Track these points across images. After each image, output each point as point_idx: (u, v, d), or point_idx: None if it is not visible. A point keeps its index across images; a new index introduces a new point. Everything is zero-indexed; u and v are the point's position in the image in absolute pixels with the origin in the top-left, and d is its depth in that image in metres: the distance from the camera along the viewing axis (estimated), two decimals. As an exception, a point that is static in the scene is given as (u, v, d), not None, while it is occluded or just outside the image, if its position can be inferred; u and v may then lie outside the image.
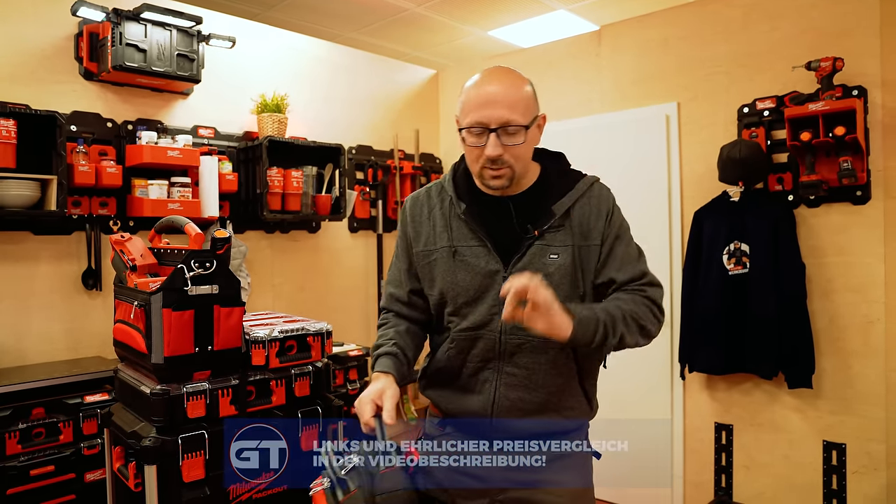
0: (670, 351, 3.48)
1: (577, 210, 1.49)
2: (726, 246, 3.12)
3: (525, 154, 1.46)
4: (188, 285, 1.76)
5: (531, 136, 1.45)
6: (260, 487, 1.91)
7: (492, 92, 1.41)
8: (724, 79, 3.25)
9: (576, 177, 1.55)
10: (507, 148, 1.41)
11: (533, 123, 1.44)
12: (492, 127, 1.40)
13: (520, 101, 1.41)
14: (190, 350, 1.79)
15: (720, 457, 3.27)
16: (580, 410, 1.59)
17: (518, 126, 1.40)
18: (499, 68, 1.49)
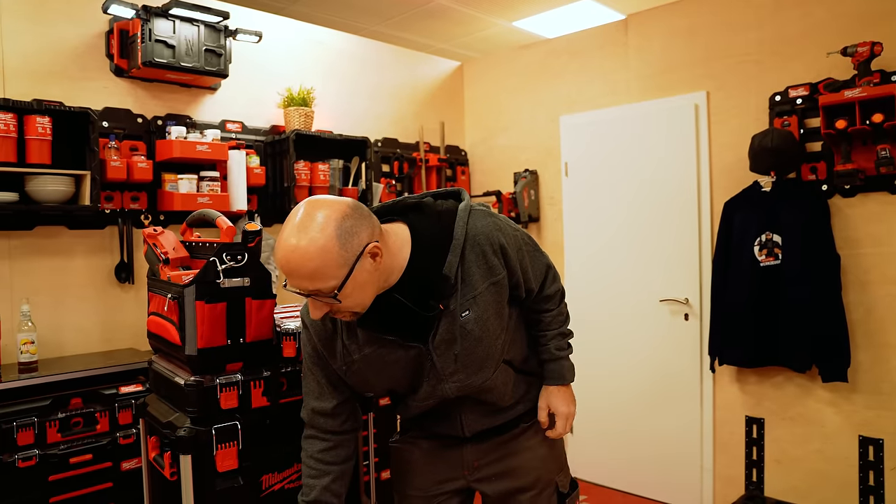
0: (699, 343, 3.44)
1: (468, 261, 1.44)
2: (757, 237, 3.07)
3: (359, 298, 1.35)
4: (220, 278, 1.77)
5: (355, 282, 1.31)
6: (292, 478, 1.93)
7: (285, 260, 1.29)
8: (754, 67, 3.19)
9: (446, 227, 1.44)
10: (333, 303, 1.33)
11: (351, 273, 1.29)
12: (305, 293, 1.33)
13: (319, 270, 1.28)
14: (223, 342, 1.80)
15: (751, 451, 3.23)
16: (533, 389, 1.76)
17: (328, 293, 1.31)
18: (293, 218, 1.30)
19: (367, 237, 1.33)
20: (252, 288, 1.84)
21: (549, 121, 4.10)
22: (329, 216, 1.29)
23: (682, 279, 3.50)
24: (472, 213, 1.48)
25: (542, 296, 1.66)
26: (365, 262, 1.32)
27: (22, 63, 2.70)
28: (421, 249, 1.44)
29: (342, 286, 1.30)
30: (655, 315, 3.61)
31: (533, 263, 1.59)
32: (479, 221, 1.47)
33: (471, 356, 1.49)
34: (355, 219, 1.32)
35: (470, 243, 1.45)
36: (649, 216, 3.63)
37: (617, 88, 3.78)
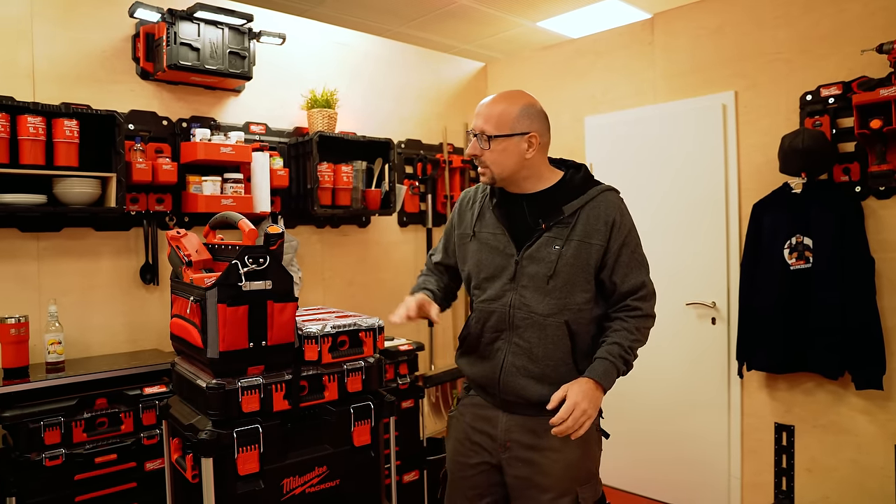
0: (727, 348, 3.37)
1: (585, 212, 1.75)
2: (787, 240, 2.99)
3: (501, 160, 1.75)
4: (242, 281, 1.77)
5: (506, 146, 1.73)
6: (313, 482, 1.93)
7: (481, 105, 1.78)
8: (784, 65, 3.12)
9: (590, 184, 1.81)
10: (483, 151, 1.75)
11: (509, 137, 1.73)
12: (473, 132, 1.77)
13: (494, 116, 1.73)
14: (244, 345, 1.81)
15: (780, 458, 3.16)
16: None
17: (489, 134, 1.73)
18: (507, 90, 1.81)
19: (535, 129, 1.75)
20: (274, 291, 1.85)
21: (573, 122, 4.06)
22: (525, 99, 1.77)
23: (710, 282, 3.44)
24: (612, 191, 1.83)
25: (625, 304, 1.79)
26: (521, 141, 1.74)
27: (52, 67, 2.75)
28: (560, 186, 1.80)
29: (496, 137, 1.73)
30: (682, 319, 3.55)
31: (627, 261, 1.78)
32: (613, 196, 1.81)
33: (543, 282, 1.74)
34: (539, 114, 1.78)
35: (595, 202, 1.77)
36: (675, 218, 3.57)
37: (643, 89, 3.73)
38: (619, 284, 1.78)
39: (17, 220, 2.65)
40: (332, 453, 2.00)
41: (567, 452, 1.76)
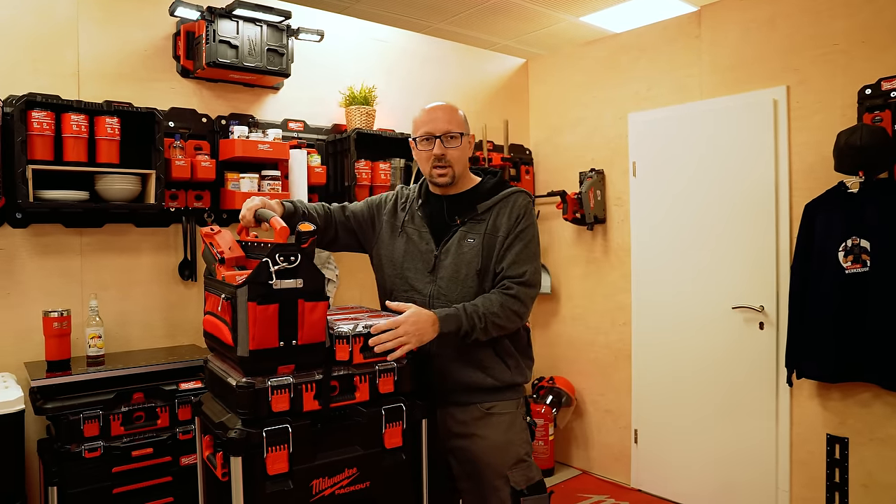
0: (775, 354, 3.23)
1: (496, 210, 1.99)
2: (843, 242, 2.85)
3: (462, 157, 1.98)
4: (273, 279, 1.75)
5: (464, 143, 1.99)
6: (342, 484, 1.89)
7: (436, 109, 2.00)
8: (841, 58, 2.96)
9: (503, 187, 2.03)
10: (448, 150, 1.95)
11: (465, 135, 1.99)
12: (437, 134, 1.95)
13: (455, 119, 1.98)
14: (275, 344, 1.78)
15: (833, 472, 3.01)
16: (499, 371, 2.00)
17: (455, 133, 1.95)
18: (441, 102, 2.03)
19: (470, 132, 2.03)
20: (305, 290, 1.81)
21: (616, 118, 3.96)
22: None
23: (758, 286, 3.30)
24: (522, 193, 2.04)
25: (503, 283, 1.94)
26: (468, 140, 2.01)
27: (96, 66, 2.79)
28: (476, 188, 2.05)
29: (463, 135, 1.97)
30: (727, 323, 3.41)
31: (517, 251, 1.95)
32: (522, 198, 2.02)
33: (457, 273, 1.97)
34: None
35: (506, 201, 2.00)
36: (722, 218, 3.44)
37: (689, 84, 3.60)
38: (504, 270, 1.95)
39: (62, 216, 2.71)
40: (362, 455, 1.96)
41: (493, 437, 1.97)
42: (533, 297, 1.99)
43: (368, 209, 2.17)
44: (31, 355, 2.62)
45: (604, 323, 4.05)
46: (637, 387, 3.87)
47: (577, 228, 4.15)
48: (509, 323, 1.94)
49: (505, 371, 2.01)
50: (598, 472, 4.12)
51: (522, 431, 2.04)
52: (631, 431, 3.90)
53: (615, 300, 3.98)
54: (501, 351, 2.02)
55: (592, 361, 4.10)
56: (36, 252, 2.67)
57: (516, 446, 2.00)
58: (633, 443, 3.89)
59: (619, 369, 3.96)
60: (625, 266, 3.92)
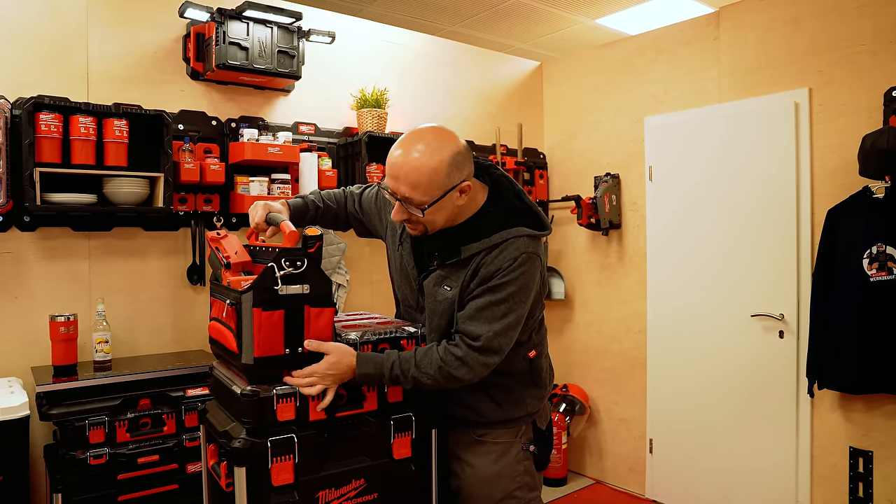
0: (796, 364, 3.14)
1: (484, 258, 1.63)
2: (868, 249, 2.76)
3: (434, 219, 1.61)
4: (278, 284, 1.70)
5: (441, 206, 1.58)
6: (350, 495, 1.84)
7: (398, 164, 1.56)
8: (867, 59, 2.88)
9: (504, 226, 1.64)
10: (412, 215, 1.60)
11: (443, 197, 1.56)
12: (397, 196, 1.59)
13: (423, 182, 1.53)
14: (280, 351, 1.74)
15: (856, 486, 2.91)
16: (486, 409, 1.78)
17: (418, 204, 1.56)
18: (424, 135, 1.57)
19: (465, 176, 1.59)
20: (311, 295, 1.76)
21: (632, 122, 3.89)
22: (451, 144, 1.56)
23: (778, 293, 3.21)
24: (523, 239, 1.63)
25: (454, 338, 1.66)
26: (455, 193, 1.58)
27: (105, 68, 2.77)
28: (470, 223, 1.67)
29: (431, 205, 1.56)
30: (746, 331, 3.33)
31: (481, 306, 1.63)
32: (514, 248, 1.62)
33: (431, 316, 1.75)
34: (465, 156, 1.59)
35: (498, 250, 1.62)
36: (741, 224, 3.35)
37: (707, 87, 3.53)
38: (458, 322, 1.65)
39: (70, 220, 2.68)
40: (370, 466, 1.91)
41: (479, 467, 1.80)
42: (487, 365, 1.64)
43: (374, 201, 1.97)
44: (38, 360, 2.60)
45: (618, 330, 3.97)
46: (652, 395, 3.79)
47: (591, 234, 4.08)
48: (447, 385, 1.67)
49: (493, 409, 1.80)
50: (612, 481, 4.04)
51: (517, 463, 1.82)
52: (646, 441, 3.82)
53: (630, 307, 3.90)
54: (490, 387, 1.77)
55: (607, 369, 4.03)
56: (44, 256, 2.65)
57: (506, 480, 1.81)
58: (647, 452, 3.81)
59: (634, 377, 3.88)
60: (640, 272, 3.85)
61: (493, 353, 1.64)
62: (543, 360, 1.87)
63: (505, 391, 1.79)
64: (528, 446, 1.83)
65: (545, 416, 1.92)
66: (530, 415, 1.84)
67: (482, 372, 1.65)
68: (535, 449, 1.84)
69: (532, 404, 1.84)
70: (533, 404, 1.85)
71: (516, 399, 1.81)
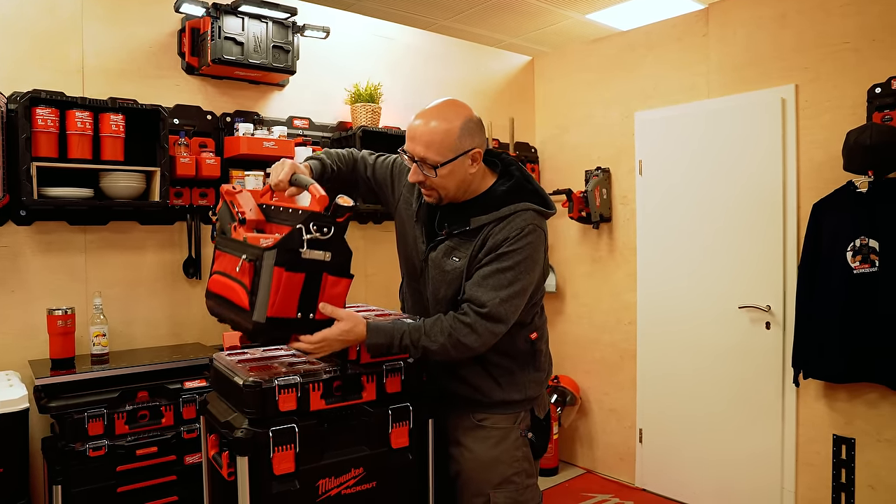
0: (782, 354, 3.21)
1: (492, 229, 1.72)
2: (851, 242, 2.83)
3: (447, 183, 1.71)
4: (304, 247, 1.67)
5: (452, 169, 1.69)
6: (349, 484, 1.88)
7: (415, 126, 1.70)
8: (852, 56, 2.94)
9: (511, 199, 1.74)
10: (427, 177, 1.70)
11: (455, 160, 1.67)
12: (414, 158, 1.69)
13: (436, 142, 1.66)
14: (292, 314, 1.68)
15: (839, 473, 2.99)
16: (487, 388, 1.83)
17: (432, 164, 1.67)
18: (440, 104, 1.73)
19: (477, 144, 1.71)
20: (332, 264, 1.70)
21: (623, 117, 3.94)
22: (463, 112, 1.71)
23: (764, 285, 3.28)
24: (529, 213, 1.73)
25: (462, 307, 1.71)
26: (466, 159, 1.70)
27: (100, 63, 2.78)
28: (481, 197, 1.77)
29: (443, 165, 1.67)
30: (734, 322, 3.40)
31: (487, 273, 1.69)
32: (520, 220, 1.71)
33: (437, 288, 1.81)
34: (477, 126, 1.72)
35: (506, 221, 1.71)
36: (729, 218, 3.42)
37: (696, 83, 3.58)
38: (466, 291, 1.71)
39: (66, 214, 2.69)
40: (368, 455, 1.95)
41: (479, 452, 1.84)
42: (493, 333, 1.69)
43: (390, 173, 1.99)
44: (35, 353, 2.62)
45: (609, 322, 4.03)
46: (642, 386, 3.85)
47: (582, 227, 4.13)
48: (456, 354, 1.71)
49: (494, 388, 1.84)
50: (603, 471, 4.11)
51: (516, 449, 1.85)
52: (636, 431, 3.89)
53: (620, 299, 3.96)
54: (491, 367, 1.84)
55: (597, 360, 4.09)
56: (40, 250, 2.66)
57: (504, 465, 1.84)
58: (637, 442, 3.88)
59: (625, 368, 3.94)
60: (630, 265, 3.91)
61: (498, 321, 1.68)
62: (543, 345, 1.92)
63: (506, 372, 1.84)
64: (527, 433, 1.87)
65: (544, 405, 1.95)
66: (529, 400, 1.88)
67: (489, 339, 1.70)
68: (534, 437, 1.87)
69: (532, 388, 1.88)
70: (533, 388, 1.88)
71: (516, 381, 1.85)
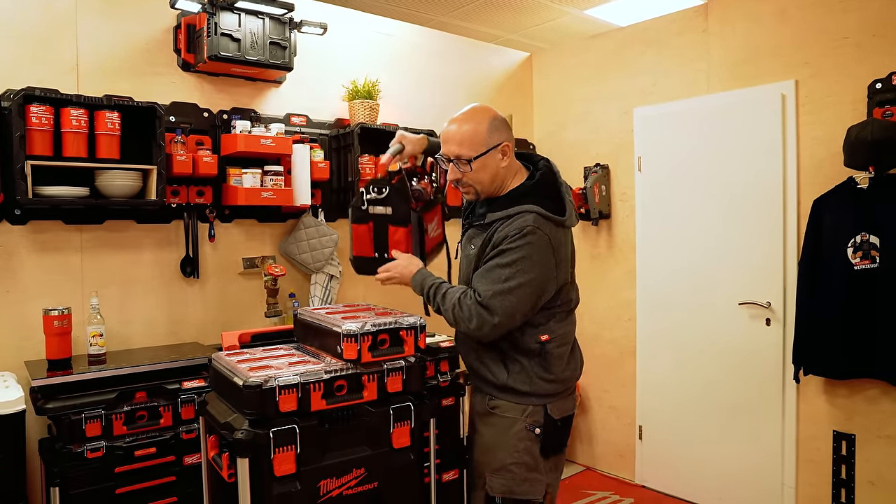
0: (782, 351, 3.21)
1: (500, 225, 1.86)
2: (851, 238, 2.82)
3: (482, 177, 1.89)
4: (364, 206, 2.08)
5: (485, 162, 1.87)
6: (350, 484, 1.87)
7: (448, 130, 1.90)
8: (853, 51, 2.93)
9: (523, 201, 1.87)
10: (464, 174, 1.89)
11: (486, 153, 1.86)
12: (450, 158, 1.90)
13: (467, 139, 1.86)
14: (371, 254, 2.13)
15: (839, 469, 2.99)
16: (496, 370, 1.94)
17: (467, 158, 1.86)
18: (468, 110, 1.92)
19: (505, 138, 1.90)
20: (391, 217, 2.13)
21: (621, 113, 3.92)
22: (489, 113, 1.90)
23: (764, 282, 3.27)
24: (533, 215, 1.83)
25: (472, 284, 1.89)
26: (496, 153, 1.88)
27: (95, 60, 2.75)
28: (504, 197, 1.92)
29: (476, 158, 1.86)
30: (734, 319, 3.39)
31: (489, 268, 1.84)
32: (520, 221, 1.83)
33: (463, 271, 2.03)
34: (503, 122, 1.91)
35: (511, 220, 1.85)
36: (729, 214, 3.41)
37: (696, 78, 3.57)
38: (473, 280, 1.89)
39: (62, 213, 2.67)
40: (370, 455, 1.95)
41: (485, 436, 1.95)
42: (489, 324, 1.80)
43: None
44: (31, 354, 2.59)
45: (608, 318, 4.02)
46: (642, 383, 3.85)
47: (581, 224, 4.12)
48: (455, 323, 1.88)
49: (501, 371, 1.93)
50: (603, 468, 4.10)
51: (518, 441, 1.89)
52: (635, 428, 3.88)
53: (620, 296, 3.95)
54: (505, 356, 1.94)
55: (597, 357, 4.08)
56: (36, 249, 2.63)
57: (504, 452, 1.90)
58: (637, 439, 3.87)
59: (624, 365, 3.94)
60: (630, 262, 3.90)
61: (492, 313, 1.80)
62: (557, 349, 1.93)
63: (515, 362, 1.92)
64: (534, 428, 1.90)
65: (563, 408, 1.97)
66: (538, 396, 1.91)
67: (483, 326, 1.81)
68: (541, 433, 1.90)
69: (540, 385, 1.91)
70: (541, 386, 1.91)
71: (523, 372, 1.91)
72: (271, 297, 3.04)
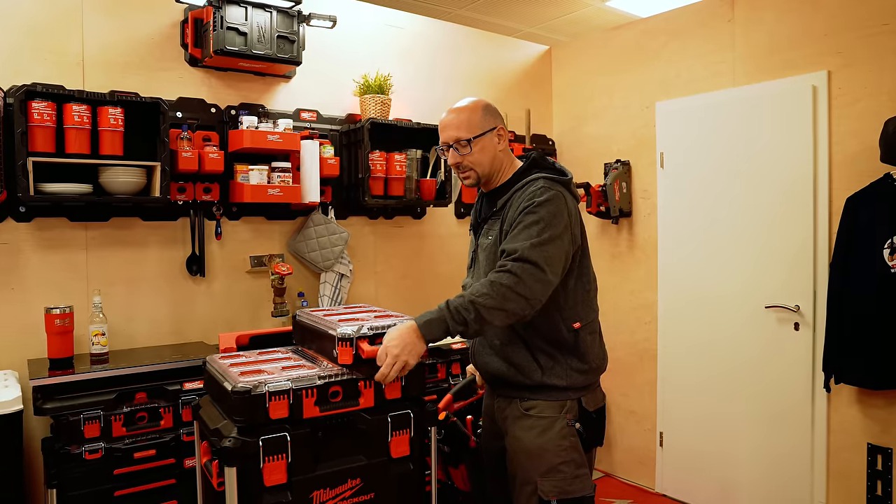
0: (811, 357, 3.04)
1: (510, 201, 1.88)
2: (888, 239, 2.66)
3: (481, 158, 1.92)
4: None
5: (483, 144, 1.91)
6: (345, 495, 1.79)
7: (445, 118, 1.96)
8: (889, 39, 2.75)
9: (525, 175, 1.90)
10: (463, 156, 1.91)
11: (483, 135, 1.91)
12: (449, 143, 1.93)
13: (464, 122, 1.91)
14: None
15: (874, 484, 2.82)
16: (530, 370, 1.85)
17: (465, 140, 1.90)
18: (460, 101, 1.97)
19: (499, 123, 1.95)
20: None
21: (643, 107, 3.78)
22: (480, 101, 1.96)
23: (793, 284, 3.11)
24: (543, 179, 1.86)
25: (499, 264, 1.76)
26: (493, 136, 1.93)
27: (101, 55, 2.71)
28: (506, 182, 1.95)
29: (475, 139, 1.90)
30: (760, 323, 3.23)
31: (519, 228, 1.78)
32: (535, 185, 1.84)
33: (484, 268, 1.92)
34: (494, 110, 1.97)
35: (521, 190, 1.87)
36: (755, 213, 3.25)
37: (720, 70, 3.41)
38: (504, 247, 1.79)
39: (66, 210, 2.64)
40: (366, 465, 1.87)
41: (525, 441, 1.86)
42: (535, 277, 1.70)
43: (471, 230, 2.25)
44: (35, 352, 2.56)
45: (628, 321, 3.89)
46: (663, 388, 3.70)
47: (601, 222, 3.99)
48: (506, 303, 1.68)
49: (535, 370, 1.85)
50: (622, 475, 3.97)
51: (562, 438, 1.84)
52: (656, 434, 3.74)
53: (640, 297, 3.81)
54: (534, 348, 1.86)
55: (616, 361, 3.94)
56: (40, 246, 2.60)
57: (550, 454, 1.83)
58: (658, 446, 3.73)
59: (644, 369, 3.80)
60: (651, 262, 3.75)
61: (535, 265, 1.71)
62: (588, 336, 1.91)
63: (548, 357, 1.86)
64: (574, 423, 1.86)
65: (594, 400, 1.94)
66: (574, 389, 1.87)
67: (531, 283, 1.70)
68: (581, 427, 1.87)
69: (575, 378, 1.87)
70: (576, 378, 1.87)
71: (558, 367, 1.86)
72: (278, 296, 2.98)
